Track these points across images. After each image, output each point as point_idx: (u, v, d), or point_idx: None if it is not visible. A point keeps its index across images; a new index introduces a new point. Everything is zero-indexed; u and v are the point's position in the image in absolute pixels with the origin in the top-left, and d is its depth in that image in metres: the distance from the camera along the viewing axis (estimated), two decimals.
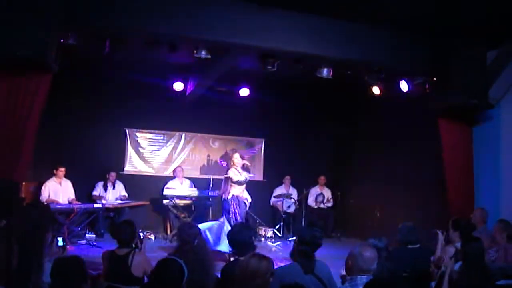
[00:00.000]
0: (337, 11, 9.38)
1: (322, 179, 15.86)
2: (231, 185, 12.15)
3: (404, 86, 11.25)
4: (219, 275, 6.35)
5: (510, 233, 8.22)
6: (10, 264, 5.32)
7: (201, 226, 9.71)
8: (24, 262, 5.29)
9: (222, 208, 12.29)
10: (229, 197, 12.09)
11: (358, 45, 9.97)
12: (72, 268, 4.64)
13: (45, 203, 12.40)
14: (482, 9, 8.84)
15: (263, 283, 4.62)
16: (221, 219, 11.54)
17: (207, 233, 10.65)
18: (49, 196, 12.87)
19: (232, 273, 5.67)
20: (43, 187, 12.88)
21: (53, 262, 4.81)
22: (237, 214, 11.91)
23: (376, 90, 12.08)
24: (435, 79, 10.70)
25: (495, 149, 10.90)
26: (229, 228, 10.39)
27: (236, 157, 12.26)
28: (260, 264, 4.65)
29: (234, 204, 12.01)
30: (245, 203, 12.26)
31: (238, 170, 12.18)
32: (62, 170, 13.08)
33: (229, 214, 11.96)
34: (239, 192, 12.14)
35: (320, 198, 15.59)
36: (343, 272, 5.54)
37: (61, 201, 12.85)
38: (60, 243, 6.52)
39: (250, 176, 12.46)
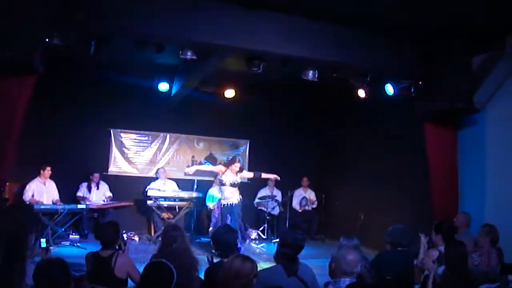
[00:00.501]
0: (323, 14, 9.39)
1: (305, 180, 15.91)
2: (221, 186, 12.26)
3: (389, 89, 11.29)
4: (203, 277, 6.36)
5: (493, 237, 8.25)
6: None
7: None
8: (7, 264, 5.26)
9: None
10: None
11: (344, 48, 9.97)
12: (55, 271, 4.61)
13: (28, 203, 12.36)
14: (468, 14, 8.87)
15: (246, 284, 4.62)
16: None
17: None
18: (33, 196, 12.79)
19: (216, 275, 5.68)
20: (27, 188, 12.81)
21: (36, 264, 4.78)
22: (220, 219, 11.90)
23: (361, 93, 12.10)
24: (420, 83, 10.73)
25: (480, 153, 10.95)
26: None
27: (236, 166, 12.16)
28: (243, 265, 4.65)
29: (217, 208, 12.12)
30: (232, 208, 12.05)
31: (227, 172, 12.13)
32: (48, 170, 13.00)
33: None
34: (226, 194, 12.10)
35: (304, 202, 15.64)
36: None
37: (45, 202, 12.78)
38: (43, 245, 6.45)
39: (237, 181, 12.25)
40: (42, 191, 13.00)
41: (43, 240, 6.53)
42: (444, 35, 9.89)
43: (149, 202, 13.56)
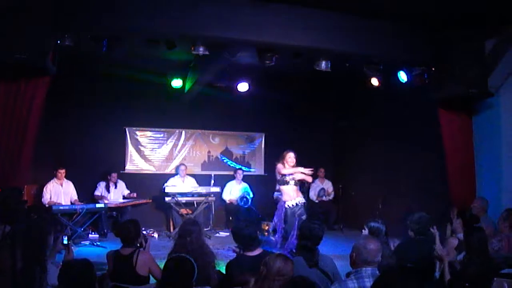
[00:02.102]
0: (334, 4, 9.36)
1: (321, 171, 15.90)
2: (280, 187, 11.20)
3: (402, 77, 11.25)
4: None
5: None
6: (15, 269, 5.33)
7: None
8: (28, 266, 5.30)
9: None
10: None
11: (356, 37, 9.92)
12: (81, 272, 4.63)
13: (47, 206, 12.44)
14: None
15: (285, 281, 4.69)
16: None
17: None
18: (50, 198, 12.92)
19: (237, 269, 5.73)
20: (44, 189, 12.94)
21: (62, 265, 4.81)
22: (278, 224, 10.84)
23: (374, 81, 12.07)
24: (433, 69, 10.69)
25: (495, 137, 10.87)
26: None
27: (290, 156, 11.17)
28: (285, 265, 4.82)
29: (280, 210, 10.90)
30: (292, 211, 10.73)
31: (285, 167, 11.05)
32: (61, 172, 13.12)
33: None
34: (287, 196, 10.90)
35: (321, 193, 15.63)
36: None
37: (63, 202, 12.90)
38: (65, 242, 6.52)
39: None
40: (59, 192, 13.11)
41: (65, 238, 6.59)
42: (456, 20, 9.84)
43: (167, 198, 13.58)
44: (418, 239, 7.34)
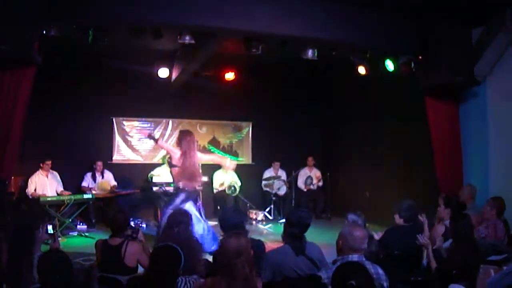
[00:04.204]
0: None
1: (310, 160, 15.92)
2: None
3: (389, 65, 11.25)
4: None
5: (499, 209, 8.26)
6: (1, 263, 5.32)
7: None
8: (15, 259, 5.28)
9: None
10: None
11: (343, 26, 9.91)
12: (57, 263, 4.62)
13: (32, 197, 12.41)
14: None
15: (248, 259, 4.58)
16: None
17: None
18: (35, 189, 12.88)
19: None
20: (29, 180, 12.90)
21: (39, 257, 4.79)
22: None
23: (361, 70, 12.07)
24: (420, 57, 10.70)
25: (482, 125, 10.92)
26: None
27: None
28: (239, 241, 4.60)
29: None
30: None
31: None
32: (48, 164, 13.06)
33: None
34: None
35: (309, 181, 15.65)
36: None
37: (49, 194, 12.83)
38: (50, 231, 6.51)
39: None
40: (45, 183, 13.06)
41: (50, 227, 6.56)
42: (443, 8, 9.84)
43: (154, 188, 13.54)
44: (405, 226, 7.35)
